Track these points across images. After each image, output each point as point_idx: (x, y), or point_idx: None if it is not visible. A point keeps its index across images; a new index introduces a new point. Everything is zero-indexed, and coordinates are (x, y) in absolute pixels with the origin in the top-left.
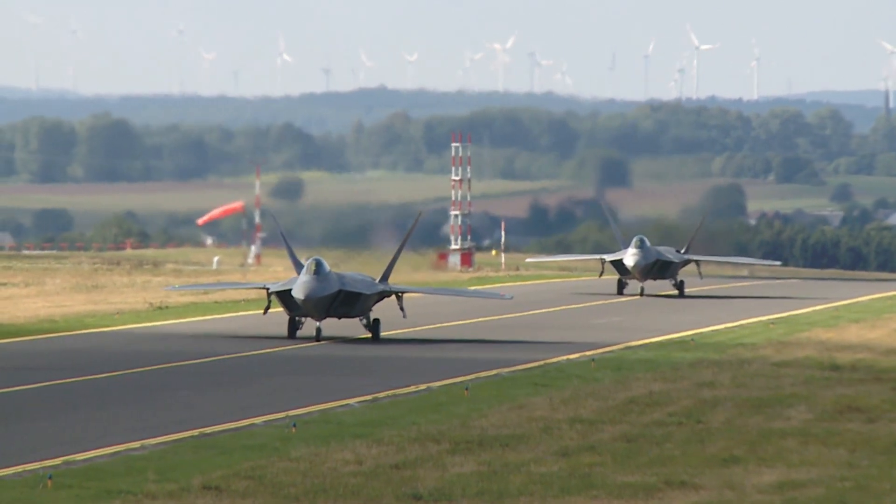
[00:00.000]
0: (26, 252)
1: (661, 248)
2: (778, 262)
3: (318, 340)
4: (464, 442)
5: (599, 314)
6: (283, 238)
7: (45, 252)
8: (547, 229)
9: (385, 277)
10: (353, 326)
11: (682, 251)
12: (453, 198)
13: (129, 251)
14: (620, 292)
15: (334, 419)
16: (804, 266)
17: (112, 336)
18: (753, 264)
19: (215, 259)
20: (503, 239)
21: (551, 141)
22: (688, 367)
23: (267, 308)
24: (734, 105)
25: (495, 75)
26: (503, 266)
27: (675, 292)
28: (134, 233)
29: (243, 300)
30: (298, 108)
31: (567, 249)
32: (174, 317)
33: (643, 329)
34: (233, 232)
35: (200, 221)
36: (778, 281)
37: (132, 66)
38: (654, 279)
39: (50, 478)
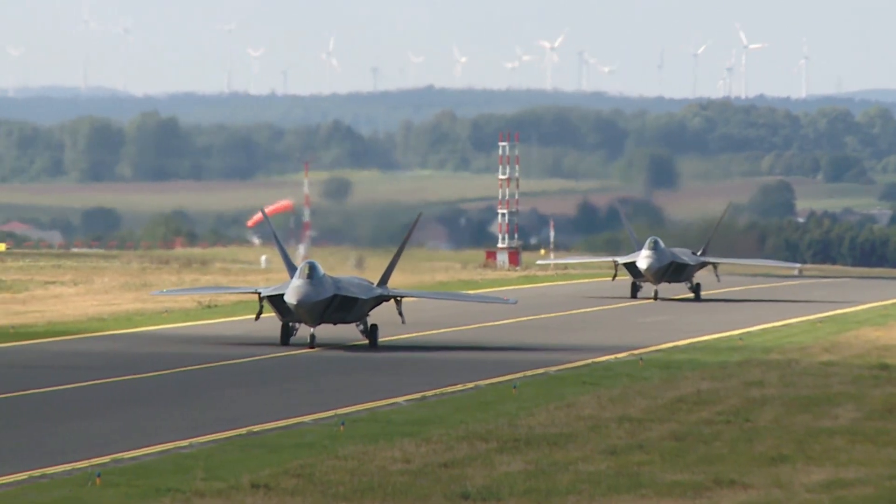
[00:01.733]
0: (75, 251)
1: (677, 250)
2: (798, 265)
3: (311, 347)
4: (512, 440)
5: (646, 313)
6: (276, 239)
7: (94, 251)
8: (595, 228)
9: (384, 281)
10: (349, 332)
11: (699, 253)
12: (500, 196)
13: (177, 250)
14: (634, 296)
15: (383, 418)
16: (852, 265)
17: (159, 335)
18: (772, 265)
19: (263, 258)
20: (552, 238)
21: (599, 139)
22: (736, 366)
23: (259, 313)
24: (782, 103)
25: (543, 74)
26: (552, 266)
27: (691, 295)
28: (183, 232)
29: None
30: (347, 107)
31: (616, 248)
32: (222, 315)
33: (690, 328)
34: (281, 231)
35: (250, 223)
36: (826, 280)
37: (181, 65)
38: (669, 282)
39: (99, 476)
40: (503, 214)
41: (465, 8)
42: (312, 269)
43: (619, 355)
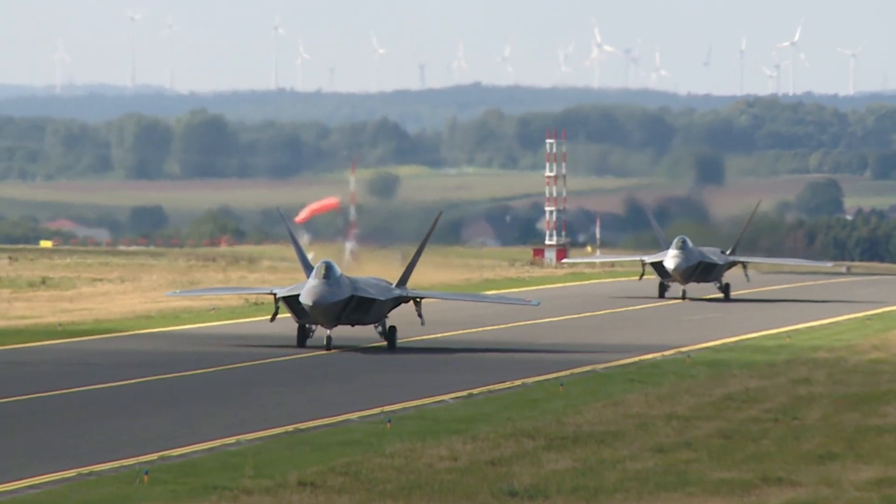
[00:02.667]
0: (122, 248)
1: (705, 249)
2: (830, 263)
3: (328, 349)
4: (559, 438)
5: (693, 311)
6: (292, 237)
7: (141, 248)
8: (642, 226)
9: (403, 282)
10: (367, 333)
11: (728, 252)
12: (548, 194)
13: (224, 248)
14: (662, 295)
15: (429, 415)
16: None
17: (207, 332)
18: (805, 264)
19: (310, 256)
20: (598, 235)
21: (646, 137)
22: (784, 364)
23: (274, 315)
24: (830, 101)
25: (590, 71)
26: (598, 265)
27: (720, 295)
28: (229, 229)
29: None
30: (393, 105)
31: (659, 247)
32: (268, 313)
33: (738, 326)
34: (328, 228)
35: (298, 219)
36: (874, 277)
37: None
38: (698, 282)
39: (146, 473)
40: (550, 212)
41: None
42: (329, 268)
43: (667, 353)
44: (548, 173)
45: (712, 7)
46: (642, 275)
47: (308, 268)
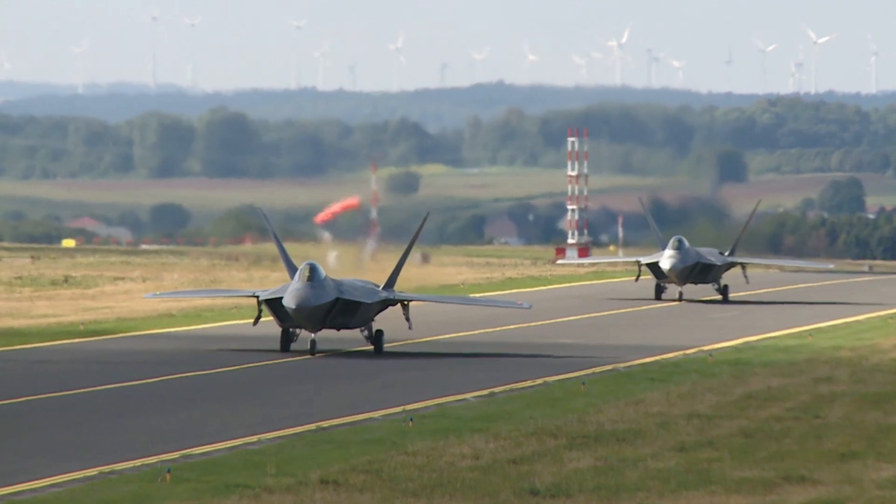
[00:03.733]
0: (144, 247)
1: (703, 250)
2: (831, 266)
3: (312, 354)
4: (580, 437)
5: (714, 310)
6: (276, 238)
7: (163, 247)
8: (664, 225)
9: (390, 284)
10: (353, 338)
11: (727, 253)
12: (569, 193)
13: (246, 246)
14: (658, 297)
15: (451, 413)
16: None
17: (228, 331)
18: (804, 265)
19: (332, 255)
20: (621, 234)
21: (667, 135)
22: (805, 363)
23: (257, 318)
24: (852, 99)
25: (612, 70)
26: (620, 264)
27: (719, 297)
28: (251, 228)
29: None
30: (415, 103)
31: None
32: None
33: (759, 325)
34: (349, 228)
35: (319, 219)
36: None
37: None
38: (695, 283)
39: (169, 471)
40: (572, 210)
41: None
42: (313, 270)
43: (688, 351)
44: (570, 172)
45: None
46: (639, 276)
47: (293, 270)
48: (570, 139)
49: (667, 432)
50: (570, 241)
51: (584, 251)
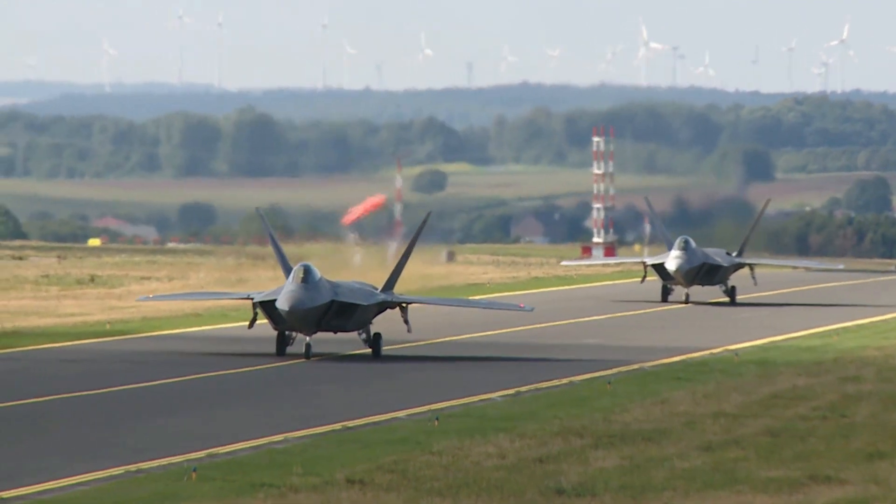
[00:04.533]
0: (170, 246)
1: (710, 251)
2: (841, 266)
3: (307, 358)
4: (606, 436)
5: (739, 310)
6: (272, 239)
7: (189, 246)
8: (689, 224)
9: (390, 286)
10: (351, 341)
11: (734, 254)
12: (595, 192)
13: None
14: (665, 299)
15: (477, 413)
16: None
17: (253, 331)
18: (813, 266)
19: (357, 255)
20: (647, 233)
21: (693, 134)
22: (832, 362)
23: (252, 321)
24: (879, 98)
25: (637, 69)
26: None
27: (726, 299)
28: (278, 227)
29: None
30: (441, 103)
31: (709, 244)
32: None
33: (785, 325)
34: (373, 227)
35: (346, 220)
36: None
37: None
38: (702, 284)
39: (195, 470)
40: (598, 209)
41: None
42: (307, 272)
43: (714, 351)
44: (595, 171)
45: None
46: (644, 277)
47: (288, 271)
48: (596, 138)
49: (693, 432)
50: (595, 240)
51: (609, 250)
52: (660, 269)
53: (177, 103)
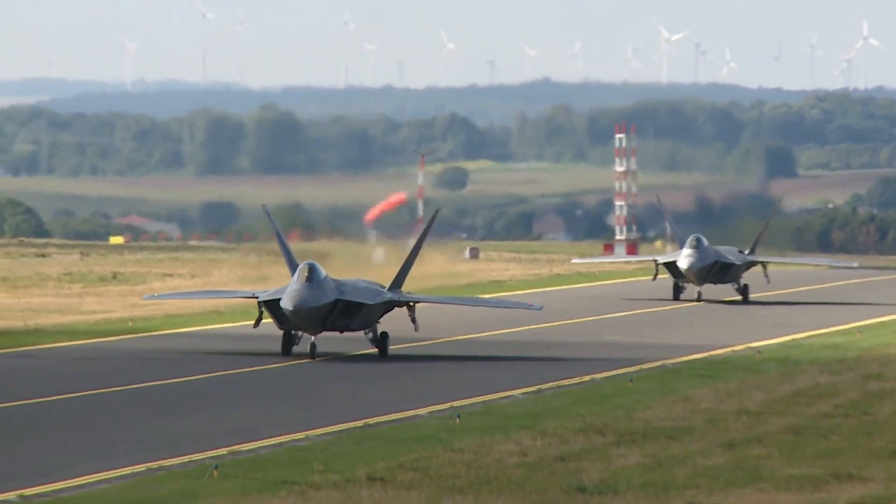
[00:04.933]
0: (193, 243)
1: (722, 249)
2: (855, 264)
3: (312, 358)
4: (628, 434)
5: (762, 308)
6: (279, 236)
7: (212, 243)
8: (711, 221)
9: (397, 285)
10: (358, 340)
11: (747, 252)
12: (617, 189)
13: (294, 243)
14: (677, 298)
15: (498, 410)
16: None
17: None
18: (827, 264)
19: (378, 251)
20: (669, 230)
21: (716, 131)
22: (854, 359)
23: (258, 320)
24: None
25: (659, 66)
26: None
27: (739, 298)
28: (299, 224)
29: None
30: (463, 100)
31: (732, 241)
32: None
33: (806, 322)
34: (395, 225)
35: (369, 218)
36: None
37: (298, 58)
38: (714, 283)
39: (216, 468)
40: (620, 207)
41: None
42: (312, 270)
43: (736, 348)
44: (617, 168)
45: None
46: (656, 275)
47: (295, 269)
48: (618, 135)
49: (715, 429)
50: (618, 237)
51: (632, 247)
52: (672, 267)
53: (199, 101)
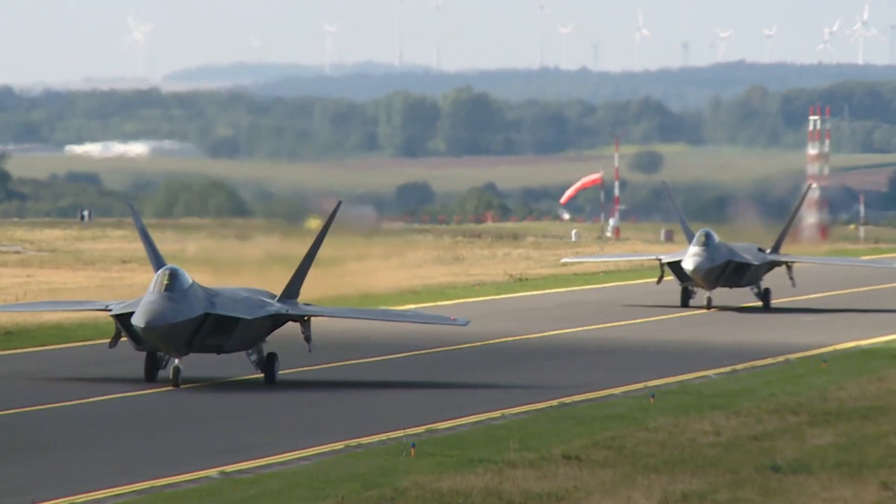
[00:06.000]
0: (388, 225)
1: (738, 246)
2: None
3: (175, 385)
4: (822, 414)
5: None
6: (143, 234)
7: (407, 225)
8: None
9: (291, 294)
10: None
11: (769, 251)
12: (810, 171)
13: (489, 224)
14: (685, 304)
15: (692, 390)
16: None
17: (472, 307)
18: (863, 265)
19: (573, 232)
20: (862, 213)
21: None
22: None
23: (115, 339)
24: None
25: (854, 48)
26: (861, 239)
27: (759, 303)
28: (494, 206)
29: (602, 272)
30: (656, 83)
31: None
32: (533, 289)
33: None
34: (590, 205)
35: (562, 201)
36: None
37: (494, 41)
38: (729, 286)
39: (413, 446)
40: (812, 189)
41: None
42: (174, 277)
43: None
44: (811, 151)
45: None
46: (661, 277)
47: (159, 264)
48: (812, 118)
49: None
50: (809, 220)
51: (824, 231)
52: (677, 268)
53: (396, 84)
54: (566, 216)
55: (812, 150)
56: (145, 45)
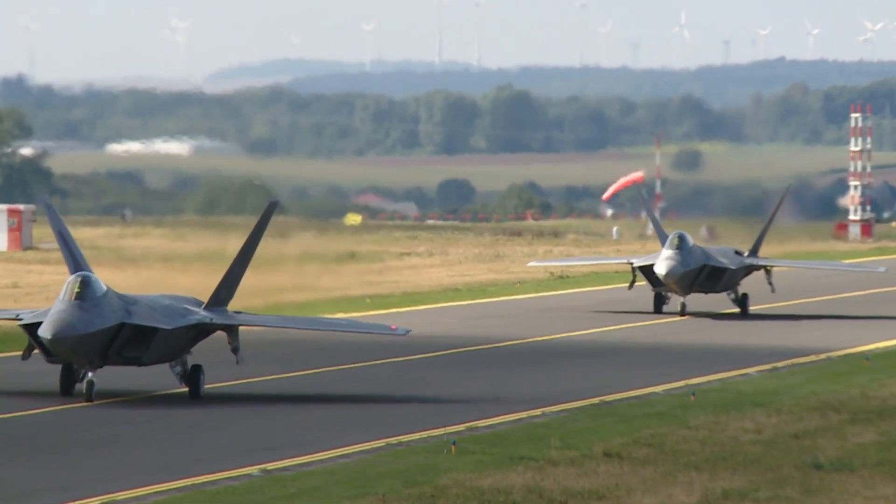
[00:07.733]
0: (430, 222)
1: (713, 249)
2: (883, 269)
3: (89, 400)
4: (864, 412)
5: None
6: (61, 236)
7: (448, 222)
8: None
9: (219, 301)
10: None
11: (747, 253)
12: (852, 169)
13: (529, 222)
14: (658, 310)
15: (733, 388)
16: None
17: (514, 304)
18: (852, 270)
19: (614, 229)
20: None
21: None
22: None
23: (27, 350)
24: None
25: None
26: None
27: (737, 310)
28: (535, 204)
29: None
30: (697, 81)
31: None
32: (574, 286)
33: None
34: (631, 202)
35: (605, 197)
36: None
37: (534, 38)
38: (704, 292)
39: (454, 444)
40: (855, 187)
41: None
42: (85, 285)
43: None
44: (853, 148)
45: None
46: (633, 282)
47: (77, 268)
48: (854, 115)
49: None
50: (852, 217)
51: (866, 228)
52: (649, 273)
53: (436, 81)
54: (609, 212)
55: (854, 148)
56: (184, 42)
